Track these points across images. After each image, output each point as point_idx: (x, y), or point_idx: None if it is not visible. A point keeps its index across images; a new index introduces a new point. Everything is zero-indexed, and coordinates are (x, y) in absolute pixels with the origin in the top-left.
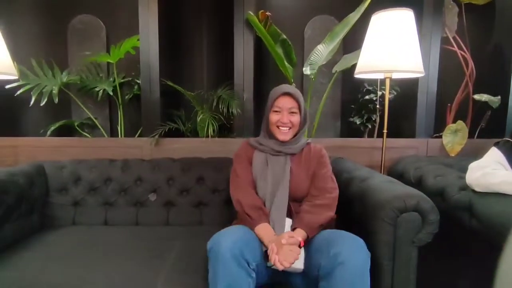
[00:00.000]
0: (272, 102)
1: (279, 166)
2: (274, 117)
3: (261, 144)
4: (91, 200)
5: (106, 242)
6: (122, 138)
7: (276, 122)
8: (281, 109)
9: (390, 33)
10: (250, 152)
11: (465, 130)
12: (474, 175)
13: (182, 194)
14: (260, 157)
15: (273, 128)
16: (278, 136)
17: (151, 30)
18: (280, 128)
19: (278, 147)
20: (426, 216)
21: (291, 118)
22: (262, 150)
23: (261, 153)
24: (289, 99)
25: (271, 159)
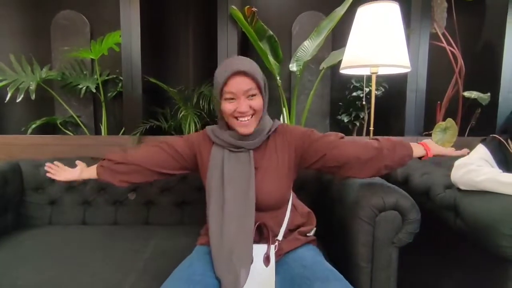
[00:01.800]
0: (221, 87)
1: (240, 167)
2: (228, 107)
3: (217, 137)
4: (68, 199)
5: (80, 242)
6: (104, 136)
7: (232, 112)
8: (235, 95)
9: (375, 26)
10: (204, 143)
11: (454, 128)
12: (458, 172)
13: (163, 193)
14: (218, 154)
15: (229, 119)
16: (239, 130)
17: (133, 25)
18: (239, 119)
19: (238, 141)
20: (406, 215)
21: (251, 103)
22: (219, 144)
23: (219, 148)
24: (244, 78)
25: (229, 158)
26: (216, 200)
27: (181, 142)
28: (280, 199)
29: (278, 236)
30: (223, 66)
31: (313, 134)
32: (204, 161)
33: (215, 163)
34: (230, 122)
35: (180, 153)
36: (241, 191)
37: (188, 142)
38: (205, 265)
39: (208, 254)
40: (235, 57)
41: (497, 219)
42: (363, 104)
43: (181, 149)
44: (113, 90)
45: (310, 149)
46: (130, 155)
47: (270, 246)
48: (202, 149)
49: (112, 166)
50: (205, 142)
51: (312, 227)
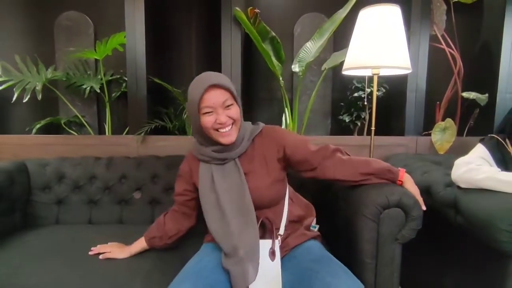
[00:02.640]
0: (198, 103)
1: (231, 177)
2: (207, 120)
3: (201, 154)
4: (75, 198)
5: (87, 241)
6: (108, 136)
7: (213, 125)
8: (212, 108)
9: (376, 29)
10: (194, 165)
11: (453, 128)
12: (458, 171)
13: (168, 192)
14: (206, 170)
15: (210, 133)
16: (222, 140)
17: (138, 26)
18: (220, 130)
19: (222, 154)
20: (409, 212)
21: (228, 113)
22: (205, 160)
23: (205, 164)
24: (218, 91)
25: (217, 171)
26: (214, 214)
27: (180, 184)
28: (276, 196)
29: (280, 229)
30: (195, 83)
31: (307, 146)
32: (197, 180)
33: (205, 179)
34: (211, 135)
35: (189, 191)
36: (237, 199)
37: (183, 178)
38: (213, 261)
39: (216, 250)
40: (204, 73)
41: (496, 215)
42: (365, 104)
43: (185, 188)
44: (117, 90)
45: (302, 160)
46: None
47: (274, 241)
48: (194, 171)
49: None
50: (194, 163)
51: (313, 218)
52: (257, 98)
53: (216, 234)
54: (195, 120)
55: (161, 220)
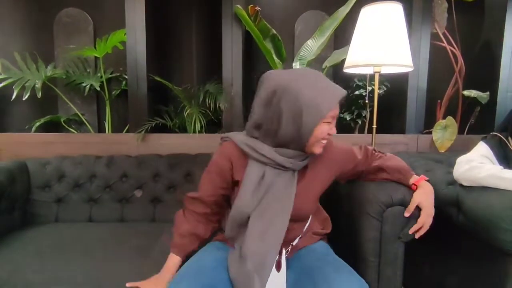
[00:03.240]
0: (328, 110)
1: (282, 186)
2: (324, 130)
3: (261, 154)
4: (75, 197)
5: (88, 239)
6: (108, 134)
7: (325, 135)
8: (332, 120)
9: (378, 27)
10: (238, 159)
11: (454, 126)
12: (460, 169)
13: (169, 191)
14: (256, 170)
15: (314, 142)
16: (317, 150)
17: (138, 24)
18: (322, 141)
19: (288, 162)
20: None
21: None
22: (261, 160)
23: (258, 164)
24: (338, 104)
25: (271, 176)
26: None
27: (216, 182)
28: (312, 212)
29: (294, 241)
30: (322, 89)
31: (355, 157)
32: (238, 178)
33: (252, 175)
34: (310, 143)
35: (224, 188)
36: (277, 210)
37: (220, 175)
38: (215, 260)
39: (219, 249)
40: (326, 79)
41: (498, 214)
42: (366, 103)
43: (221, 186)
44: (116, 88)
45: (350, 170)
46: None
47: (282, 253)
48: (237, 167)
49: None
50: (237, 158)
51: (327, 232)
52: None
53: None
54: (297, 127)
55: (191, 231)
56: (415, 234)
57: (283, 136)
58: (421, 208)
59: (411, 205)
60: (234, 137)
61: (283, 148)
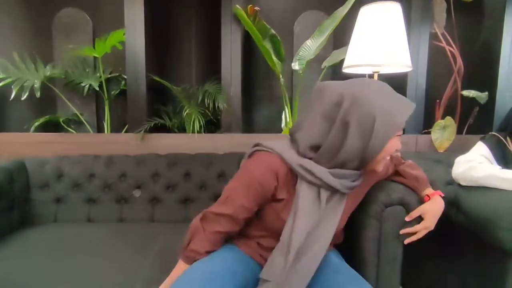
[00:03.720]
0: (402, 121)
1: (332, 208)
2: (394, 145)
3: (317, 177)
4: (74, 197)
5: (87, 240)
6: (107, 134)
7: (393, 150)
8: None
9: (377, 27)
10: (286, 177)
11: (453, 126)
12: (459, 169)
13: (168, 190)
14: (311, 193)
15: (382, 159)
16: (380, 168)
17: (137, 23)
18: (387, 157)
19: (342, 186)
20: (411, 210)
21: None
22: (314, 183)
23: (310, 185)
24: None
25: (325, 198)
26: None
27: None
28: (341, 230)
29: None
30: (397, 99)
31: (389, 168)
32: (283, 196)
33: (307, 198)
34: (376, 159)
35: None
36: (320, 233)
37: (261, 192)
38: (225, 263)
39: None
40: (390, 87)
41: (497, 213)
42: None
43: (258, 203)
44: (115, 88)
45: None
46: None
47: None
48: (283, 186)
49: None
50: (285, 176)
51: (339, 241)
52: (257, 96)
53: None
54: (366, 140)
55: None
56: (406, 238)
57: (346, 153)
58: (423, 218)
59: (415, 212)
60: (283, 153)
61: (338, 169)
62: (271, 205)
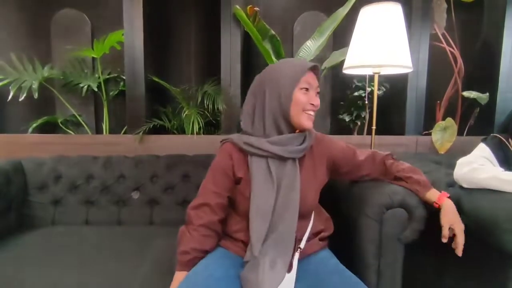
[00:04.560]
0: (299, 77)
1: (287, 176)
2: (303, 97)
3: (257, 147)
4: (71, 199)
5: (84, 243)
6: (105, 135)
7: (305, 104)
8: (310, 87)
9: (378, 27)
10: (238, 156)
11: (454, 127)
12: (461, 171)
13: (167, 192)
14: (260, 164)
15: (297, 112)
16: (305, 123)
17: (136, 24)
18: (308, 112)
19: (284, 151)
20: (412, 212)
21: (318, 100)
22: (259, 154)
23: (259, 158)
24: (315, 76)
25: (275, 167)
26: (265, 211)
27: (221, 180)
28: (313, 207)
29: (301, 243)
30: (291, 61)
31: (355, 157)
32: (240, 175)
33: (259, 170)
34: (296, 114)
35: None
36: (286, 201)
37: (224, 173)
38: (221, 268)
39: (225, 258)
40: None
41: (500, 216)
42: (365, 104)
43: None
44: (114, 89)
45: (349, 169)
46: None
47: (294, 253)
48: (239, 164)
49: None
50: (237, 155)
51: (330, 232)
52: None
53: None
54: (278, 96)
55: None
56: (457, 251)
57: (271, 115)
58: (453, 229)
59: (444, 230)
60: (233, 138)
61: (275, 136)
62: (236, 188)
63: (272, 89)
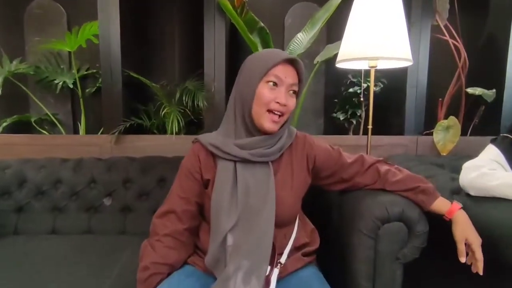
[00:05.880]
0: (267, 69)
1: (258, 180)
2: (268, 92)
3: (225, 152)
4: (37, 206)
5: (47, 255)
6: (80, 136)
7: (270, 101)
8: (280, 82)
9: (374, 15)
10: (207, 158)
11: (457, 127)
12: (468, 176)
13: (141, 198)
14: (227, 167)
15: (260, 110)
16: (266, 125)
17: (112, 13)
18: (274, 112)
19: (253, 151)
20: (412, 227)
21: (288, 100)
22: (227, 158)
23: (226, 161)
24: (292, 71)
25: (243, 170)
26: (225, 219)
27: (188, 184)
28: (295, 214)
29: (282, 257)
30: (265, 52)
31: (341, 158)
32: (208, 176)
33: (224, 179)
34: (258, 114)
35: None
36: (257, 207)
37: (191, 176)
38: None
39: (193, 277)
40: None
41: None
42: (361, 101)
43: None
44: (92, 85)
45: (334, 173)
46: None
47: (273, 269)
48: (206, 166)
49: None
50: (206, 156)
51: (316, 247)
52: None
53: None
54: (242, 92)
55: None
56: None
57: (239, 110)
58: (470, 244)
59: (460, 246)
60: (201, 138)
61: (244, 139)
62: (205, 193)
63: (241, 83)
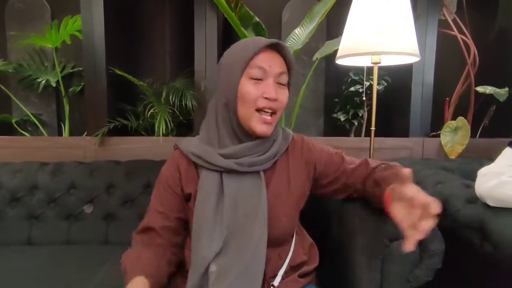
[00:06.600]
0: (246, 61)
1: (248, 195)
2: (252, 88)
3: (208, 162)
4: (11, 213)
5: (21, 268)
6: (62, 137)
7: (258, 97)
8: (264, 74)
9: (377, 7)
10: (188, 168)
11: (466, 128)
12: (487, 184)
13: (125, 205)
14: (213, 178)
15: (247, 111)
16: (258, 128)
17: (95, 6)
18: (264, 110)
19: (244, 165)
20: (426, 245)
21: (279, 94)
22: (211, 169)
23: (212, 173)
24: (279, 58)
25: (231, 183)
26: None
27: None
28: (290, 232)
29: (275, 280)
30: (245, 41)
31: (343, 163)
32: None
33: (207, 193)
34: (247, 116)
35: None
36: (247, 226)
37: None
38: None
39: None
40: None
41: None
42: (363, 101)
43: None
44: (77, 84)
45: (336, 179)
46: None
47: None
48: (187, 176)
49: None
50: (186, 165)
51: (315, 266)
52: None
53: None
54: (223, 92)
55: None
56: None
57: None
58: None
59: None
60: (181, 145)
61: (230, 147)
62: (188, 206)
63: (221, 83)
